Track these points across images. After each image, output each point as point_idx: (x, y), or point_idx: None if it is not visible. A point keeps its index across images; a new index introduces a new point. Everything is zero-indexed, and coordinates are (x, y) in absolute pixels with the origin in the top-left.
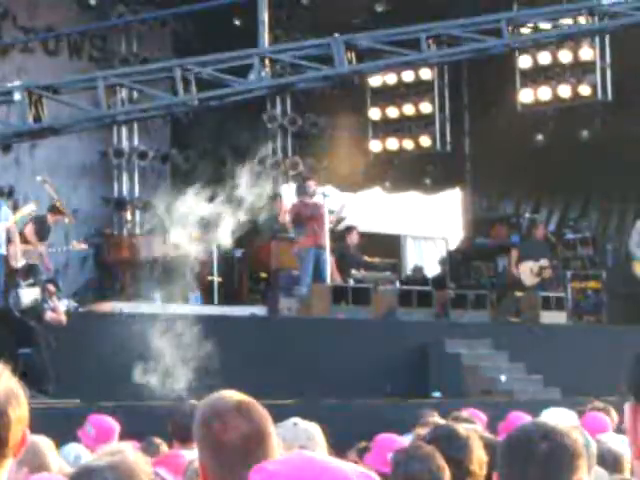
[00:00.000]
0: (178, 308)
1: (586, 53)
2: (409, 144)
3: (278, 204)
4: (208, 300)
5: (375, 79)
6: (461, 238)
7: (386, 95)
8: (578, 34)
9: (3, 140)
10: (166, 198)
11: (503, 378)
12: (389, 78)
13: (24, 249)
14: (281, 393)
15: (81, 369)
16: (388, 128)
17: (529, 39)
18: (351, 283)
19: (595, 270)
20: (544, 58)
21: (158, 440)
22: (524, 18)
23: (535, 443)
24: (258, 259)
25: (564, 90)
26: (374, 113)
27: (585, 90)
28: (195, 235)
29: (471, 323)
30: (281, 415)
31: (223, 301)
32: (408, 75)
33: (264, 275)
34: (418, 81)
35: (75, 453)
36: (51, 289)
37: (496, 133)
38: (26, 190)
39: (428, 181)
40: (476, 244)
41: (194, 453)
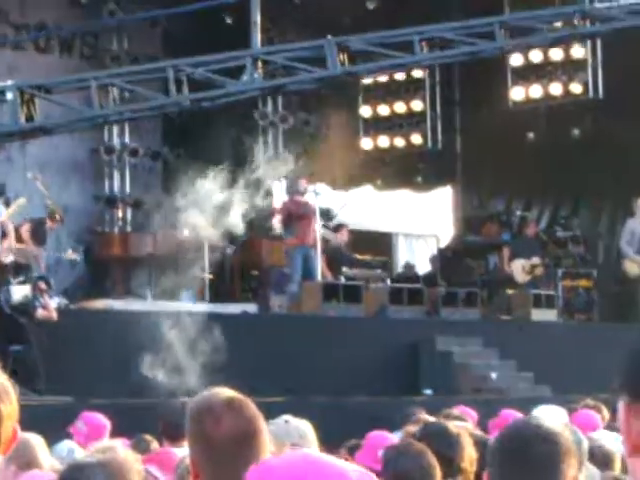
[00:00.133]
0: (169, 305)
1: (577, 51)
2: (400, 142)
3: (269, 202)
4: (199, 297)
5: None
6: (452, 236)
7: (377, 93)
8: (571, 38)
9: None
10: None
11: (494, 376)
12: (381, 76)
13: (18, 247)
14: (272, 390)
15: (72, 366)
16: (379, 126)
17: (522, 42)
18: (342, 281)
19: (586, 268)
20: (535, 56)
21: (149, 437)
22: (517, 21)
23: (528, 444)
24: (249, 257)
25: (555, 88)
26: (365, 111)
27: (576, 88)
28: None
29: (462, 321)
30: (272, 412)
31: (214, 298)
32: (399, 73)
33: (255, 272)
34: (409, 79)
35: (69, 449)
36: (42, 286)
37: (487, 131)
38: (17, 187)
39: (419, 179)
40: (467, 242)
41: (184, 451)
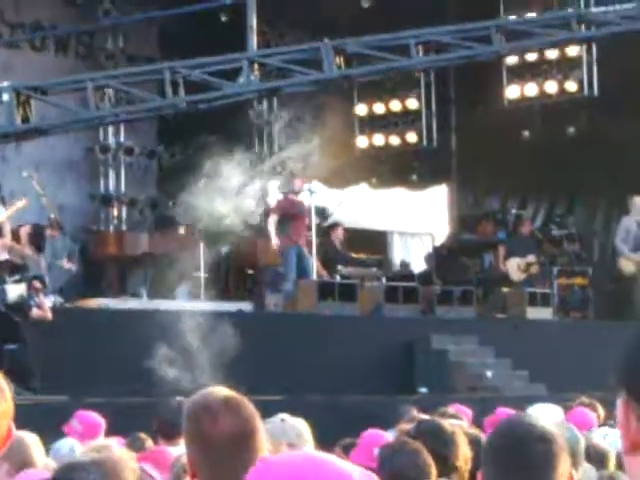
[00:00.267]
0: (165, 304)
1: (572, 49)
2: (395, 140)
3: (265, 200)
4: (195, 296)
5: None
6: (447, 234)
7: (372, 91)
8: (567, 42)
9: None
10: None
11: (489, 374)
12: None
13: (13, 246)
14: (268, 389)
15: (67, 365)
16: (374, 124)
17: (518, 46)
18: (337, 279)
19: (581, 266)
20: (530, 54)
21: (143, 436)
22: (514, 25)
23: (522, 443)
24: (245, 255)
25: (550, 86)
26: (360, 109)
27: (571, 86)
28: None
29: (457, 319)
30: (268, 411)
31: (210, 297)
32: None
33: (251, 271)
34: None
35: (70, 447)
36: (37, 285)
37: (482, 129)
38: (12, 186)
39: (414, 177)
40: (462, 240)
41: (179, 449)
